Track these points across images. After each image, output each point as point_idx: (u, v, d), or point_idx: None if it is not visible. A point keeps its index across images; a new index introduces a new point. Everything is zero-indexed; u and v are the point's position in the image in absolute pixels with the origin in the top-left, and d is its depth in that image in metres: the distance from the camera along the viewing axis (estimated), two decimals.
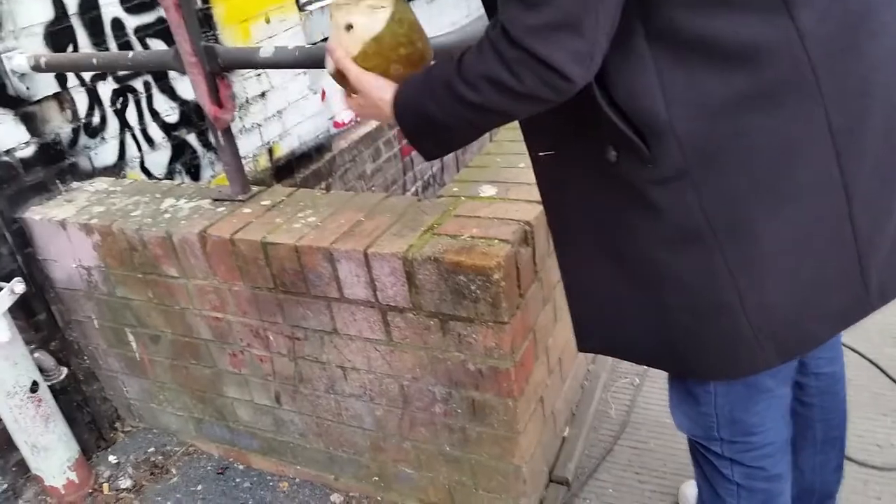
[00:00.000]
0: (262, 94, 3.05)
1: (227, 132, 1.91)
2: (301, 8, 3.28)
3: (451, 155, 4.50)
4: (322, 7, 3.43)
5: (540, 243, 1.67)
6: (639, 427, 2.04)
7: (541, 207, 1.66)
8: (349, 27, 1.11)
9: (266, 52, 1.76)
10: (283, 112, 3.18)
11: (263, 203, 1.88)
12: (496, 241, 1.53)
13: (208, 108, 1.82)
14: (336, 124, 3.58)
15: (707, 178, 0.96)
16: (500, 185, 1.80)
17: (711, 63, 0.91)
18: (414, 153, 4.15)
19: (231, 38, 2.87)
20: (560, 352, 1.90)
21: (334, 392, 1.86)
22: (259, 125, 3.05)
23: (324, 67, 1.63)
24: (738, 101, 0.92)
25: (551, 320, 1.82)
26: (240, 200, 1.91)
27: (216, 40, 2.76)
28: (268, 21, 3.06)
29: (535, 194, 1.71)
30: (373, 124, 3.75)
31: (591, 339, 1.24)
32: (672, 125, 0.94)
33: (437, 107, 1.01)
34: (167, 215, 1.91)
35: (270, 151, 3.13)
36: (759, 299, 1.03)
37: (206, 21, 2.72)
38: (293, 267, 1.69)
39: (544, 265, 1.72)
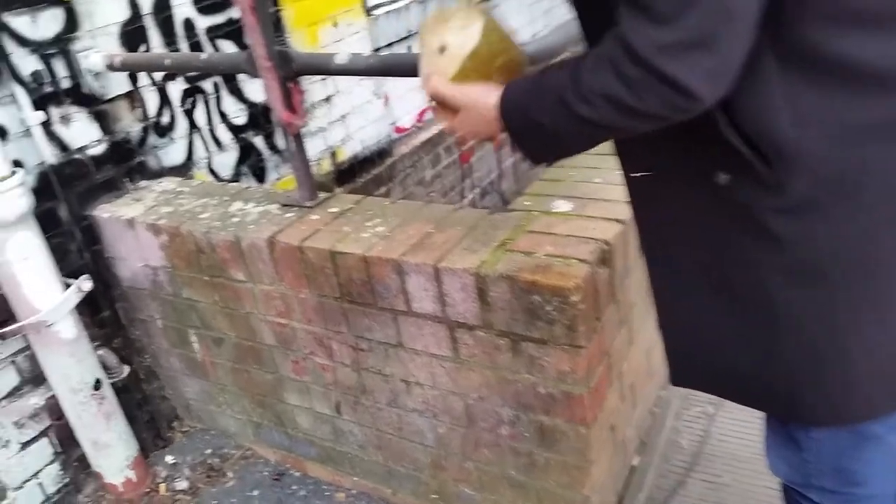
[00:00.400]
0: (327, 99, 3.04)
1: (298, 138, 1.89)
2: (368, 12, 3.27)
3: (508, 163, 4.44)
4: (388, 12, 3.41)
5: (617, 263, 1.59)
6: (712, 459, 1.94)
7: (620, 226, 1.59)
8: (442, 49, 1.07)
9: (341, 58, 1.72)
10: (346, 116, 3.17)
11: (331, 210, 1.85)
12: (574, 260, 1.47)
13: (281, 113, 1.79)
14: (398, 129, 3.56)
15: (837, 209, 0.88)
16: (576, 200, 1.74)
17: (847, 86, 0.84)
18: (473, 159, 4.10)
19: (299, 41, 2.86)
20: (633, 376, 1.82)
21: (396, 406, 1.81)
22: (323, 129, 3.04)
23: (398, 76, 1.59)
24: (876, 127, 0.85)
25: (626, 343, 1.74)
26: (308, 206, 1.88)
27: (284, 44, 2.76)
28: (335, 25, 3.05)
29: (613, 211, 1.64)
30: (433, 129, 3.71)
31: (687, 373, 1.15)
32: (802, 150, 0.86)
33: (548, 117, 0.96)
34: (235, 219, 1.89)
35: (333, 155, 3.12)
36: (880, 340, 0.95)
37: (275, 24, 2.71)
38: (361, 277, 1.65)
39: (622, 286, 1.64)
